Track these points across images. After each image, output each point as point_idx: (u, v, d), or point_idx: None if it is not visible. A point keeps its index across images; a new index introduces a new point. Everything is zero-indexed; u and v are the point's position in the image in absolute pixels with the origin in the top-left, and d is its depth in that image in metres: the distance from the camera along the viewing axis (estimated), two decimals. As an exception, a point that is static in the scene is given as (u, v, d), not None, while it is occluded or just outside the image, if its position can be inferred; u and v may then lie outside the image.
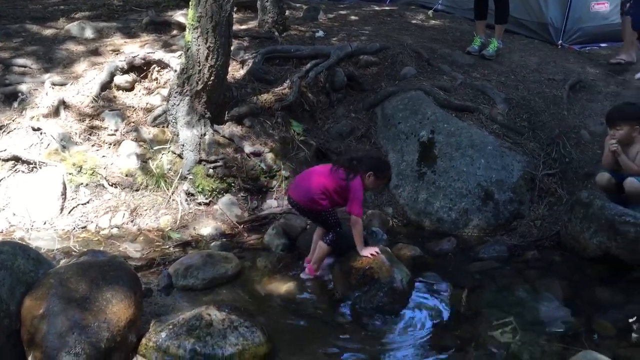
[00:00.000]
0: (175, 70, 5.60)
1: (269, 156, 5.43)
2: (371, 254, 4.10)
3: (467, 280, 4.40)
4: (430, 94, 5.89)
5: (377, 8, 9.00)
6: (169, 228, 4.92)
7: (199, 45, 5.10)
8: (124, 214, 4.94)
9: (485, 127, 5.64)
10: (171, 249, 4.66)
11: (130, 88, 5.92)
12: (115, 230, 4.85)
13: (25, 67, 6.00)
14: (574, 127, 5.78)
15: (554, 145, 5.54)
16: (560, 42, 7.67)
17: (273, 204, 5.30)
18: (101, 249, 4.45)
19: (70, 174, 5.03)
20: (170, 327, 3.34)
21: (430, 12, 8.43)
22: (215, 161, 5.28)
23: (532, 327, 3.83)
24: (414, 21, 8.26)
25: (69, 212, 4.88)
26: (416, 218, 5.28)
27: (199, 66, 5.15)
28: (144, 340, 3.32)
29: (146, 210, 5.01)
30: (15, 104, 5.56)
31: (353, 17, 8.34)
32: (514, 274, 4.49)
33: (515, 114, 5.88)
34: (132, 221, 4.93)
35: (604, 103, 6.12)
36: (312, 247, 4.40)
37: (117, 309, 3.18)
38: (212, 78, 5.19)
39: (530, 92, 6.25)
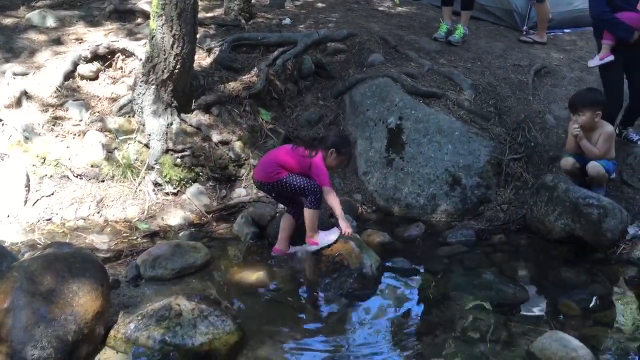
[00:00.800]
0: (141, 59, 5.53)
1: (237, 145, 5.40)
2: (346, 231, 4.11)
3: (435, 264, 4.46)
4: (398, 81, 5.91)
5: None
6: (137, 219, 4.87)
7: (163, 33, 5.03)
8: (90, 206, 4.87)
9: (452, 113, 5.68)
10: (139, 239, 4.61)
11: (94, 77, 5.81)
12: (81, 222, 4.78)
13: (-16, 57, 5.85)
14: (539, 112, 5.85)
15: (520, 130, 5.61)
16: (525, 28, 7.74)
17: (242, 193, 5.28)
18: (67, 241, 4.38)
19: (33, 165, 4.92)
20: (139, 318, 3.32)
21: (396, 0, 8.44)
22: (183, 150, 5.23)
23: (500, 309, 3.90)
24: (381, 8, 8.25)
25: (33, 204, 4.78)
26: (385, 204, 5.31)
27: (165, 54, 5.08)
28: (112, 332, 3.30)
29: (113, 201, 4.95)
30: (-25, 95, 5.41)
31: (320, 4, 8.29)
32: (482, 257, 4.56)
33: (482, 100, 5.94)
34: (98, 212, 4.86)
35: (568, 88, 6.21)
36: (279, 235, 4.39)
37: (83, 301, 3.15)
38: (178, 66, 5.13)
39: (496, 77, 6.31)
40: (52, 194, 4.88)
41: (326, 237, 4.21)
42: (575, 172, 4.86)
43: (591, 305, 3.95)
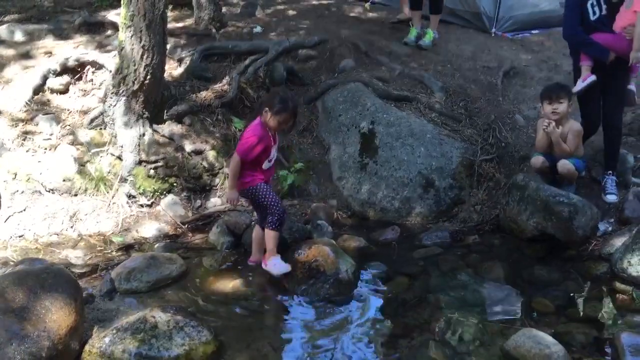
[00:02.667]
0: (111, 71, 5.50)
1: (211, 154, 5.39)
2: (232, 201, 4.10)
3: (411, 267, 4.49)
4: (369, 85, 5.95)
5: (315, 2, 8.99)
6: (111, 232, 4.84)
7: (133, 44, 5.02)
8: (63, 220, 4.83)
9: (423, 115, 5.74)
10: (114, 253, 4.59)
11: (64, 91, 5.77)
12: (54, 238, 4.73)
13: (-48, 73, 5.78)
14: (509, 113, 5.94)
15: (491, 131, 5.68)
16: (493, 30, 7.84)
17: (217, 202, 5.27)
18: (40, 257, 4.33)
19: (4, 181, 4.87)
20: (114, 331, 3.30)
21: (367, 5, 8.46)
22: (156, 161, 5.22)
23: (475, 308, 3.94)
24: (351, 14, 8.28)
25: (5, 221, 4.72)
26: (360, 209, 5.34)
27: (135, 65, 5.06)
28: (87, 347, 3.27)
29: (86, 215, 4.91)
30: (-57, 112, 5.34)
31: (291, 12, 8.31)
32: (457, 258, 4.61)
33: (453, 102, 6.01)
34: (72, 227, 4.82)
35: (537, 88, 6.29)
36: (252, 247, 4.39)
37: (57, 317, 3.12)
38: (148, 77, 5.12)
39: (466, 80, 6.38)
40: (24, 209, 4.83)
41: (274, 267, 4.11)
42: (545, 170, 4.94)
43: (565, 302, 4.01)
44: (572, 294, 4.12)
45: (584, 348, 3.53)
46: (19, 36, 6.59)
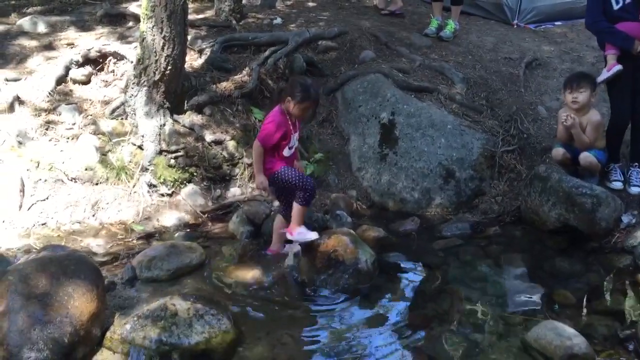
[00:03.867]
0: (132, 62, 5.53)
1: (231, 144, 5.40)
2: (261, 186, 4.03)
3: (431, 258, 4.47)
4: (389, 76, 5.92)
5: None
6: (132, 221, 4.87)
7: (154, 35, 5.04)
8: (85, 209, 4.87)
9: (444, 106, 5.70)
10: (134, 241, 4.61)
11: (86, 81, 5.82)
12: (76, 226, 4.77)
13: (-24, 63, 5.85)
14: (531, 104, 5.88)
15: (512, 122, 5.63)
16: (515, 21, 7.76)
17: (237, 192, 5.29)
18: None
19: (28, 170, 4.92)
20: (135, 318, 3.32)
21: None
22: (177, 151, 5.24)
23: (496, 300, 3.92)
24: (371, 5, 8.26)
25: (28, 209, 4.77)
26: (380, 199, 5.32)
27: (156, 56, 5.08)
28: (108, 334, 3.30)
29: (108, 204, 4.94)
30: (-32, 102, 5.41)
31: (311, 4, 8.30)
32: (477, 250, 4.58)
33: (474, 93, 5.96)
34: (93, 216, 4.86)
35: (559, 80, 6.23)
36: (273, 236, 4.39)
37: (79, 303, 3.15)
38: (169, 67, 5.14)
39: (488, 71, 6.33)
40: (47, 198, 4.88)
41: (302, 234, 4.14)
42: (566, 162, 4.89)
43: (586, 294, 3.97)
44: (594, 287, 4.08)
45: (606, 340, 3.50)
46: (41, 28, 6.66)
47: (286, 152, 4.11)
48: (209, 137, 5.35)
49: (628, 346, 3.45)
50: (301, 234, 4.14)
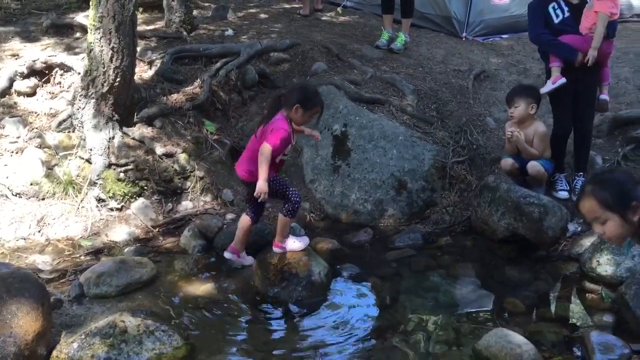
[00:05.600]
0: (79, 73, 5.42)
1: (182, 157, 5.33)
2: (263, 192, 3.85)
3: (384, 269, 4.49)
4: (342, 88, 5.95)
5: (287, 6, 9.00)
6: (80, 236, 4.75)
7: (102, 46, 4.95)
8: (30, 225, 4.72)
9: (395, 118, 5.76)
10: (82, 257, 4.50)
11: (31, 93, 5.67)
12: (21, 242, 4.62)
13: None
14: (480, 115, 6.00)
15: (462, 133, 5.72)
16: (464, 34, 7.92)
17: (188, 205, 5.21)
18: (7, 262, 4.24)
19: (-31, 185, 4.76)
20: (82, 337, 3.24)
21: (339, 9, 8.50)
22: (126, 164, 5.14)
23: (447, 309, 3.96)
24: (323, 18, 8.31)
25: (-30, 226, 4.62)
26: (333, 211, 5.33)
27: (104, 68, 4.99)
28: (54, 353, 3.21)
29: (54, 219, 4.81)
30: None
31: (263, 15, 8.31)
32: (429, 260, 4.62)
33: (424, 105, 6.04)
34: (39, 232, 4.72)
35: (506, 91, 6.30)
36: (236, 234, 4.27)
37: (23, 322, 3.05)
38: (118, 79, 5.05)
39: (438, 83, 6.43)
40: (-10, 214, 4.73)
41: (294, 244, 4.15)
42: (514, 172, 5.00)
43: (535, 301, 4.05)
44: (542, 294, 4.17)
45: (555, 347, 3.56)
46: (-16, 38, 6.47)
47: (277, 159, 4.03)
48: (159, 149, 5.27)
49: (575, 352, 3.53)
50: (295, 242, 4.16)
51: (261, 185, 3.84)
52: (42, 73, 5.79)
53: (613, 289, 4.00)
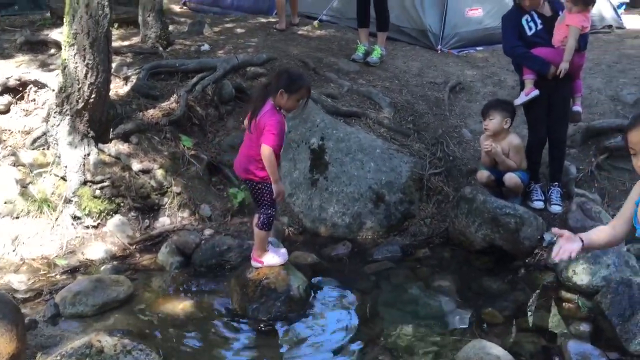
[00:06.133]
0: (54, 90, 5.37)
1: (159, 172, 5.30)
2: (282, 194, 3.95)
3: (363, 282, 4.50)
4: (318, 102, 5.97)
5: (263, 20, 9.03)
6: (55, 255, 4.69)
7: (76, 62, 4.92)
8: (5, 244, 4.65)
9: (373, 131, 5.78)
10: (58, 276, 4.44)
11: (5, 110, 5.61)
12: (-5, 262, 4.56)
13: None
14: (456, 127, 6.05)
15: (439, 145, 5.76)
16: (439, 47, 8.01)
17: (166, 222, 5.17)
18: (-20, 282, 4.18)
19: (-59, 205, 4.69)
20: (58, 358, 3.17)
21: (315, 23, 8.55)
22: (102, 181, 5.09)
23: (427, 322, 3.97)
24: (300, 32, 8.34)
25: (-58, 246, 4.54)
26: (311, 225, 5.33)
27: (79, 84, 4.96)
28: (29, 375, 3.15)
29: (29, 238, 4.74)
30: None
31: (239, 30, 8.32)
32: (408, 272, 4.63)
33: (401, 117, 6.08)
34: (13, 251, 4.65)
35: (482, 103, 6.40)
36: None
37: (-4, 344, 2.99)
38: (93, 96, 5.02)
39: (414, 95, 6.48)
40: (-37, 234, 4.65)
41: (272, 260, 4.14)
42: (490, 183, 5.05)
43: (513, 312, 4.08)
44: (520, 304, 4.19)
45: (533, 357, 3.59)
46: (-43, 55, 6.40)
47: (280, 152, 3.99)
48: (136, 166, 5.23)
49: (554, 361, 3.56)
50: (274, 257, 4.13)
51: (276, 188, 3.88)
52: (16, 90, 5.74)
53: (589, 298, 4.04)
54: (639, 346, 3.50)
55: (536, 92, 4.94)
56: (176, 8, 11.19)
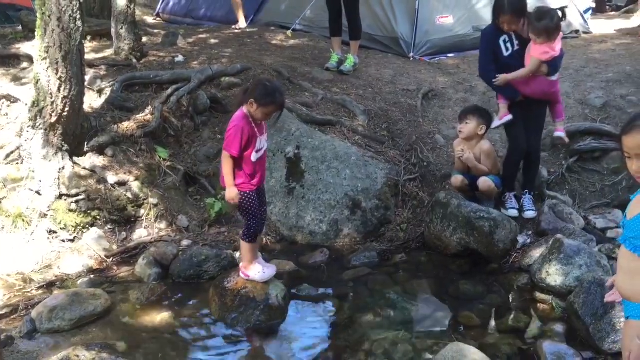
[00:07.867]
0: (27, 104, 5.33)
1: (135, 185, 5.29)
2: (232, 199, 3.93)
3: (341, 288, 4.53)
4: (293, 111, 6.01)
5: (237, 30, 9.07)
6: (31, 270, 4.64)
7: (49, 76, 4.89)
8: (-21, 260, 4.61)
9: (347, 139, 5.84)
10: (34, 292, 4.39)
11: (-23, 126, 5.56)
12: (-31, 279, 4.51)
13: None
14: (429, 133, 6.13)
15: (413, 152, 5.83)
16: (411, 54, 8.11)
17: (143, 234, 5.16)
18: (-46, 300, 4.13)
19: None
20: (36, 374, 3.17)
21: (289, 32, 8.59)
22: (77, 195, 5.06)
23: (404, 326, 4.02)
24: (274, 42, 8.38)
25: None
26: (289, 233, 5.35)
27: (52, 98, 4.93)
28: (6, 392, 3.13)
29: (4, 253, 4.69)
30: None
31: (213, 41, 8.33)
32: (385, 278, 4.68)
33: (375, 125, 6.15)
34: (-12, 267, 4.61)
35: (454, 109, 6.54)
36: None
37: (-28, 362, 2.97)
38: (66, 109, 4.99)
39: (388, 102, 6.55)
40: None
41: (257, 276, 4.13)
42: (464, 188, 5.13)
43: (489, 314, 4.14)
44: (496, 306, 4.26)
45: (509, 359, 3.66)
46: None
47: (254, 157, 3.97)
48: (111, 178, 5.21)
49: (530, 361, 3.63)
50: (260, 273, 4.13)
51: (228, 193, 3.91)
52: (-12, 105, 5.69)
53: (563, 298, 4.11)
54: (612, 344, 3.58)
55: (509, 117, 5.01)
56: (149, 19, 11.19)
